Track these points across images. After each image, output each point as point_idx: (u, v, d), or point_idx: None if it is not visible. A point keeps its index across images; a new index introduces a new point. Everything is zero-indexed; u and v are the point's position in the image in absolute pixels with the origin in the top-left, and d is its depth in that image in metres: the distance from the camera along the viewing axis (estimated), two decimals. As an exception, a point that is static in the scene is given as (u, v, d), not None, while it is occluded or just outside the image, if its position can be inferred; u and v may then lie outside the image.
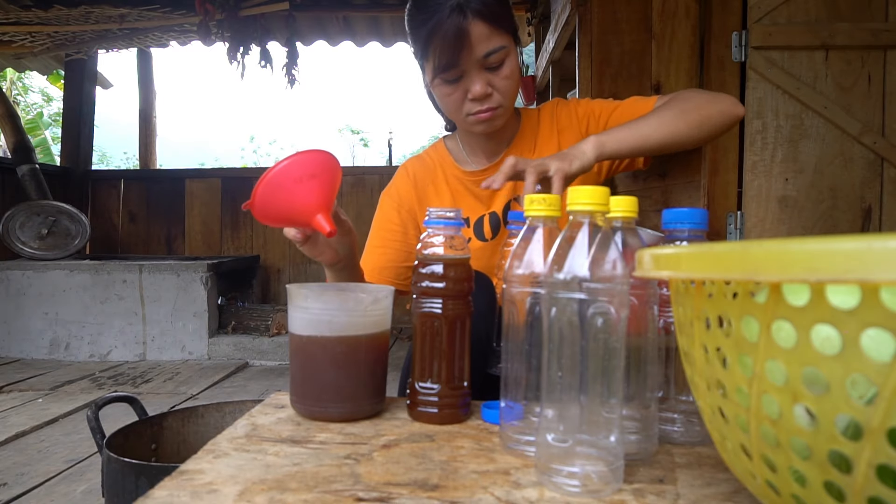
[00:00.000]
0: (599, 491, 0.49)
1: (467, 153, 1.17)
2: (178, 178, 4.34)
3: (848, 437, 0.32)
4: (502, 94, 1.00)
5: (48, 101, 10.28)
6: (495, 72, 0.99)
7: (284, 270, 4.22)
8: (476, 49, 0.95)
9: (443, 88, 1.01)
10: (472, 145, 1.16)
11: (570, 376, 0.50)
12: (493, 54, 0.97)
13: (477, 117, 1.01)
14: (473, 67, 0.97)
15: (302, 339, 0.69)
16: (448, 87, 1.00)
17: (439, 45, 0.95)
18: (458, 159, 1.17)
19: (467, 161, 1.17)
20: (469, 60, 0.96)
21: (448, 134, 1.23)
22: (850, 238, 0.27)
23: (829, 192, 2.01)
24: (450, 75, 0.98)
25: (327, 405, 0.67)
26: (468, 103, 1.01)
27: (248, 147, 13.66)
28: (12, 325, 3.32)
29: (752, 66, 2.01)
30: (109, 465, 0.94)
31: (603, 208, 0.51)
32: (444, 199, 1.15)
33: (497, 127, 1.05)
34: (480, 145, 1.14)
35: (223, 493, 0.50)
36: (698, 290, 0.41)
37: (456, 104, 1.02)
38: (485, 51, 0.96)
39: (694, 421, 0.63)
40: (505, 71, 0.99)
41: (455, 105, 1.02)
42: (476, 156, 1.15)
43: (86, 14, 3.56)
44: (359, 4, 3.89)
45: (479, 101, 1.00)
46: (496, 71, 0.99)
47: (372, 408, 0.69)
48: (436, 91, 1.04)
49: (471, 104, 1.00)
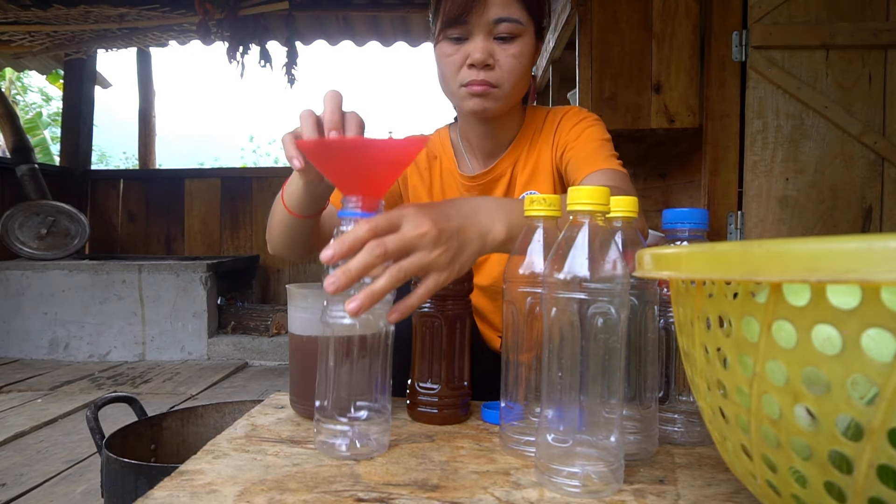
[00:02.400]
0: (600, 491, 0.49)
1: (465, 149, 1.08)
2: (177, 177, 4.34)
3: (848, 438, 0.32)
4: (503, 72, 0.91)
5: (47, 100, 10.28)
6: (503, 44, 0.91)
7: (284, 270, 4.22)
8: (489, 10, 0.88)
9: (444, 47, 0.93)
10: (469, 140, 1.06)
11: (570, 376, 0.50)
12: (505, 23, 0.89)
13: (470, 88, 0.92)
14: (481, 31, 0.89)
15: (302, 339, 0.69)
16: (450, 46, 0.92)
17: None
18: (456, 155, 1.09)
19: (464, 159, 1.08)
20: (478, 21, 0.89)
21: (452, 124, 1.14)
22: (850, 238, 0.27)
23: (830, 191, 2.01)
24: (454, 31, 0.90)
25: (327, 405, 0.66)
26: (465, 70, 0.92)
27: (247, 147, 13.66)
28: (11, 326, 3.32)
29: (752, 65, 2.01)
30: (109, 466, 0.94)
31: (603, 208, 0.51)
32: (432, 195, 1.08)
33: (490, 111, 0.94)
34: (477, 142, 1.05)
35: (223, 493, 0.49)
36: (698, 290, 0.41)
37: (452, 68, 0.93)
38: (497, 15, 0.88)
39: (694, 421, 0.63)
40: (513, 48, 0.91)
41: (451, 69, 0.93)
42: (473, 155, 1.07)
43: (85, 13, 3.56)
44: (358, 4, 3.89)
45: (475, 70, 0.91)
46: (504, 43, 0.91)
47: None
48: (438, 52, 0.95)
49: (467, 71, 0.92)
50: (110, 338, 3.32)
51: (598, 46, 2.15)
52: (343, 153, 0.59)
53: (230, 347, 3.31)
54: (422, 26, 4.11)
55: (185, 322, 3.32)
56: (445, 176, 1.08)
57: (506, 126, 1.03)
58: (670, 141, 2.31)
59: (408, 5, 3.84)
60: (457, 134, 1.10)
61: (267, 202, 4.17)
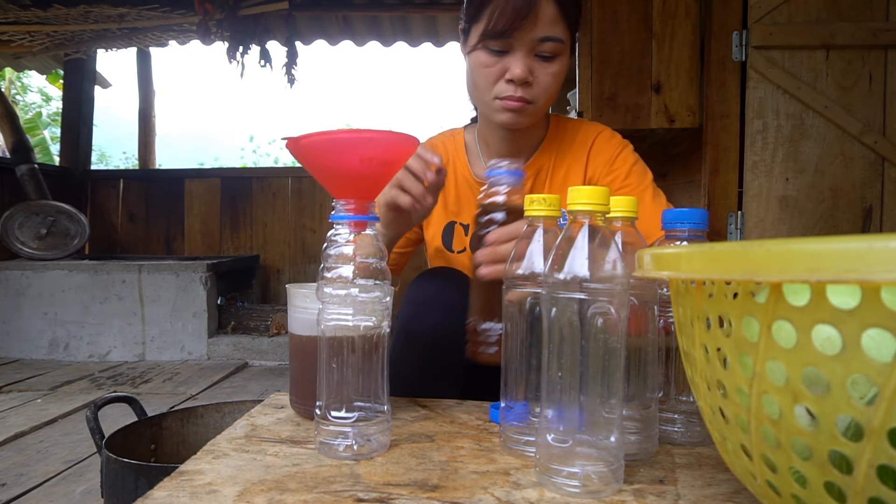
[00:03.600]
0: (599, 491, 0.49)
1: (483, 152, 1.06)
2: (177, 177, 4.34)
3: (848, 438, 0.32)
4: (540, 90, 0.92)
5: (47, 100, 10.27)
6: (543, 62, 0.91)
7: (284, 270, 4.22)
8: (536, 28, 0.87)
9: (482, 57, 0.91)
10: (489, 145, 1.04)
11: (570, 376, 0.50)
12: (549, 42, 0.89)
13: (505, 103, 0.91)
14: (524, 47, 0.89)
15: (302, 339, 0.69)
16: (489, 57, 0.91)
17: (501, 6, 0.86)
18: (471, 159, 1.06)
19: (479, 162, 1.06)
20: (523, 37, 0.88)
21: (469, 125, 1.12)
22: (850, 238, 0.27)
23: (830, 191, 2.02)
24: (496, 44, 0.89)
25: (327, 405, 0.66)
26: (502, 83, 0.91)
27: (247, 147, 13.65)
28: (11, 326, 3.32)
29: (752, 65, 2.01)
30: (109, 466, 0.94)
31: (603, 208, 0.51)
32: (446, 200, 1.06)
33: (521, 125, 0.95)
34: (498, 147, 1.03)
35: (223, 493, 0.49)
36: (698, 290, 0.41)
37: (488, 80, 0.92)
38: (543, 34, 0.88)
39: (694, 421, 0.63)
40: (553, 67, 0.91)
41: (487, 81, 0.92)
42: (490, 158, 1.02)
43: (85, 13, 3.56)
44: (358, 4, 3.89)
45: (514, 86, 0.90)
46: (545, 62, 0.91)
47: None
48: (472, 59, 0.94)
49: (505, 85, 0.91)
50: (110, 338, 3.32)
51: (598, 46, 2.15)
52: (336, 148, 0.58)
53: (230, 347, 3.31)
54: (421, 26, 4.11)
55: (185, 322, 3.32)
56: (459, 181, 1.07)
57: (530, 134, 1.03)
58: (670, 141, 2.31)
59: (408, 5, 3.84)
60: (473, 136, 1.09)
61: (267, 202, 4.17)
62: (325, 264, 0.58)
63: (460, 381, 0.92)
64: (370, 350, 0.59)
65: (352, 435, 0.58)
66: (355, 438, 0.58)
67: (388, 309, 0.61)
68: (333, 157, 0.58)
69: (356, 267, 0.58)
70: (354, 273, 0.58)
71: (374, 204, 0.60)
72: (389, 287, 0.60)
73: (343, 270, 0.58)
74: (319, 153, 0.59)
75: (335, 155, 0.58)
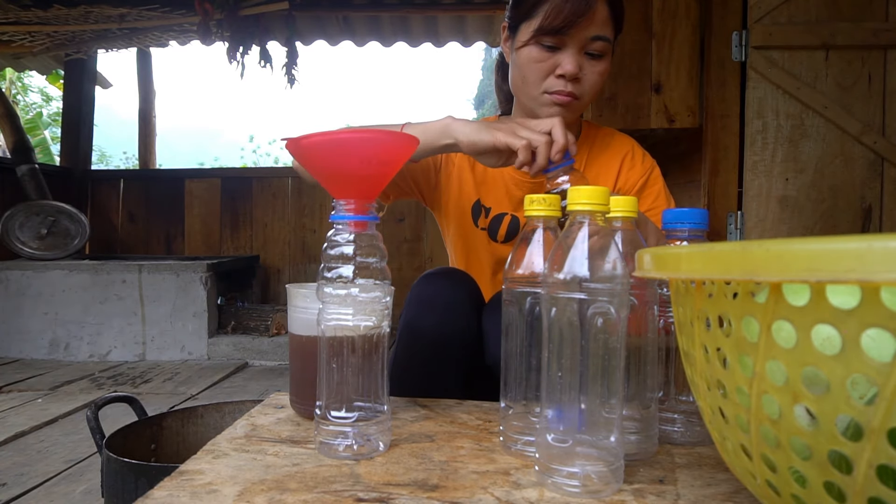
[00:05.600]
0: (599, 491, 0.49)
1: None
2: (177, 177, 4.33)
3: (848, 438, 0.32)
4: (587, 86, 0.96)
5: (47, 100, 10.27)
6: (592, 60, 0.95)
7: (284, 270, 4.22)
8: (590, 27, 0.92)
9: (533, 52, 0.95)
10: None
11: (570, 376, 0.50)
12: (600, 41, 0.93)
13: (554, 97, 0.95)
14: (576, 45, 0.93)
15: (302, 339, 0.69)
16: (541, 52, 0.94)
17: (558, 4, 0.90)
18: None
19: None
20: (577, 35, 0.92)
21: (502, 116, 1.14)
22: (850, 238, 0.27)
23: (830, 191, 2.01)
24: (550, 40, 0.93)
25: (327, 405, 0.66)
26: (552, 79, 0.95)
27: (247, 147, 13.65)
28: (11, 325, 3.32)
29: (752, 65, 2.01)
30: (109, 466, 0.94)
31: (603, 208, 0.51)
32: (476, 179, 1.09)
33: (566, 119, 0.96)
34: None
35: (223, 493, 0.49)
36: (698, 290, 0.41)
37: (538, 75, 0.96)
38: (595, 33, 0.93)
39: (694, 421, 0.63)
40: (600, 66, 0.96)
41: (537, 75, 0.96)
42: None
43: (85, 14, 3.56)
44: (358, 4, 3.89)
45: (564, 81, 0.94)
46: (593, 60, 0.95)
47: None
48: (523, 54, 0.97)
49: (555, 80, 0.95)
50: (110, 338, 3.32)
51: (598, 46, 2.15)
52: (336, 148, 0.58)
53: (230, 347, 3.31)
54: (421, 26, 4.11)
55: (185, 322, 3.32)
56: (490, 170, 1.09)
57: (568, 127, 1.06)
58: (670, 141, 2.31)
59: (408, 5, 3.84)
60: None
61: (267, 202, 4.17)
62: (325, 264, 0.58)
63: (461, 380, 0.92)
64: (370, 350, 0.59)
65: (352, 435, 0.58)
66: (355, 438, 0.58)
67: (388, 309, 0.61)
68: (333, 158, 0.58)
69: (356, 267, 0.58)
70: (354, 273, 0.58)
71: (374, 204, 0.60)
72: (389, 287, 0.60)
73: (343, 270, 0.58)
74: (319, 153, 0.59)
75: (335, 155, 0.58)
